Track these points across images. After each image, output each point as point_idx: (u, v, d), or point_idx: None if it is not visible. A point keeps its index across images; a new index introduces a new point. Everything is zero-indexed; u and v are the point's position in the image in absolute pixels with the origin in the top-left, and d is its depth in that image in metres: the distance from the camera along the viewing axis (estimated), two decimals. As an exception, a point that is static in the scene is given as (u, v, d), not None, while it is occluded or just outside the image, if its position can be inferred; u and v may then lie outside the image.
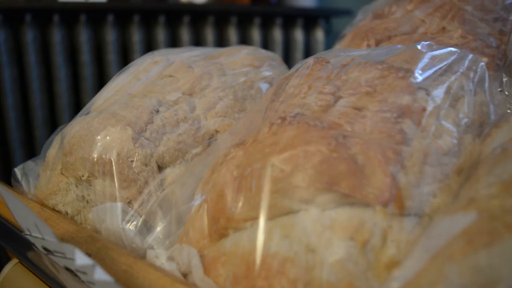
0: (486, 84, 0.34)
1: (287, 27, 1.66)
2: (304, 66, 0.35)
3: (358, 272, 0.24)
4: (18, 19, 1.27)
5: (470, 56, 0.36)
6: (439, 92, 0.30)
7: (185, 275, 0.30)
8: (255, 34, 1.59)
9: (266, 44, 1.63)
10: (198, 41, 1.54)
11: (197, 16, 1.53)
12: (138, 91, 0.42)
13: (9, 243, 0.46)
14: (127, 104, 0.40)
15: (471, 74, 0.34)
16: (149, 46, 1.47)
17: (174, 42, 1.50)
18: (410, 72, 0.31)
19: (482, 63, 0.37)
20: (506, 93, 0.44)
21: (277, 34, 1.63)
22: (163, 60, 0.45)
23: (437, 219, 0.24)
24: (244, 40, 1.60)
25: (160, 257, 0.31)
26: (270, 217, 0.26)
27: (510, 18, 0.50)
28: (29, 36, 1.27)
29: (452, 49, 0.37)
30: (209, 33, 1.53)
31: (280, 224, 0.26)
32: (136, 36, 1.42)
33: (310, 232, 0.25)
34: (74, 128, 0.40)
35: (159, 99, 0.41)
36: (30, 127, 1.34)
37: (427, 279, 0.19)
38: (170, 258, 0.31)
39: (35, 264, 0.42)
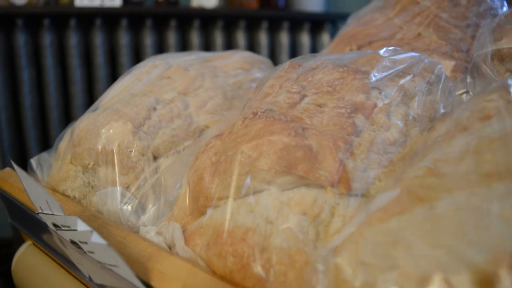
0: (440, 85, 0.39)
1: (294, 31, 1.71)
2: (281, 68, 0.40)
3: (308, 241, 0.29)
4: (37, 23, 1.34)
5: (429, 60, 0.41)
6: (391, 91, 0.35)
7: (170, 247, 0.35)
8: (263, 37, 1.64)
9: (273, 48, 1.68)
10: (207, 44, 1.60)
11: (207, 20, 1.58)
12: (139, 91, 0.47)
13: (24, 226, 0.52)
14: (128, 102, 0.46)
15: (427, 76, 0.39)
16: (161, 49, 1.54)
17: (184, 45, 1.56)
18: (366, 74, 0.35)
19: (441, 66, 0.41)
20: (471, 93, 0.48)
21: (284, 38, 1.67)
22: (162, 64, 0.51)
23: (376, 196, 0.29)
24: (252, 43, 1.65)
25: (150, 232, 0.37)
26: (240, 196, 0.31)
27: (481, 24, 0.54)
28: (47, 39, 1.34)
29: (414, 54, 0.41)
30: (218, 37, 1.59)
31: (247, 201, 0.31)
32: (148, 40, 1.49)
33: (270, 207, 0.30)
34: (83, 123, 0.46)
35: (157, 98, 0.46)
36: (46, 126, 1.42)
37: (351, 240, 0.24)
38: (159, 233, 0.36)
39: (45, 242, 0.47)
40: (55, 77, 1.38)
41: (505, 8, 0.60)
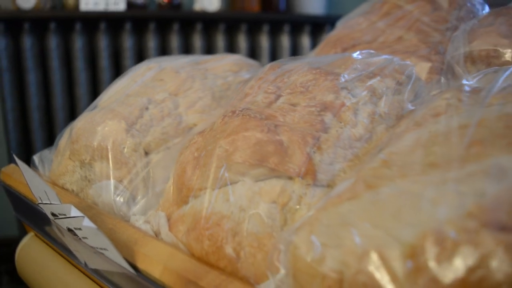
0: (409, 86, 0.42)
1: (295, 34, 1.74)
2: (262, 70, 0.43)
3: (276, 226, 0.32)
4: (43, 27, 1.39)
5: (400, 62, 0.43)
6: (360, 91, 0.38)
7: (156, 234, 0.38)
8: (264, 40, 1.68)
9: (274, 50, 1.71)
10: (209, 47, 1.64)
11: (209, 23, 1.62)
12: (133, 92, 0.51)
13: (27, 217, 0.56)
14: (123, 102, 0.49)
15: (398, 77, 0.42)
16: (164, 52, 1.57)
17: (187, 48, 1.60)
18: (338, 75, 0.38)
19: (412, 67, 0.44)
20: (445, 94, 0.50)
21: (285, 41, 1.71)
22: (156, 67, 0.54)
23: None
24: (254, 46, 1.69)
25: (139, 220, 0.40)
26: (217, 186, 0.35)
27: (460, 27, 0.56)
28: (53, 42, 1.38)
29: (386, 56, 0.44)
30: (220, 40, 1.62)
31: (224, 191, 0.34)
32: (152, 43, 1.53)
33: (244, 197, 0.33)
34: (81, 122, 0.50)
35: (149, 98, 0.49)
36: (52, 127, 1.46)
37: (308, 222, 0.27)
38: (147, 221, 0.40)
39: (46, 232, 0.51)
40: (61, 79, 1.43)
41: (485, 12, 0.63)
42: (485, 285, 0.20)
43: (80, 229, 0.37)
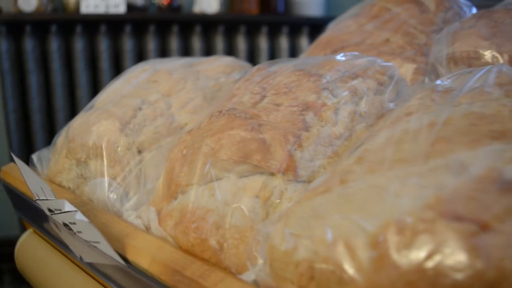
0: (390, 86, 0.43)
1: (294, 36, 1.76)
2: (249, 72, 0.45)
3: (258, 220, 0.33)
4: (44, 29, 1.41)
5: (383, 63, 0.45)
6: (341, 91, 0.40)
7: (147, 228, 0.40)
8: (263, 42, 1.70)
9: (273, 52, 1.73)
10: (208, 49, 1.66)
11: (209, 25, 1.64)
12: (128, 93, 0.53)
13: (25, 214, 0.58)
14: (117, 102, 0.51)
15: (380, 78, 0.43)
16: (163, 54, 1.60)
17: (186, 50, 1.62)
18: (320, 76, 0.40)
19: (394, 68, 0.46)
20: (429, 94, 0.52)
21: (284, 42, 1.72)
22: (150, 68, 0.56)
23: (317, 182, 0.34)
24: (252, 48, 1.71)
25: (131, 215, 0.42)
26: (203, 182, 0.36)
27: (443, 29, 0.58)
28: (54, 45, 1.41)
29: (370, 58, 0.46)
30: (219, 42, 1.64)
31: (210, 187, 0.36)
32: (152, 45, 1.55)
33: (228, 192, 0.35)
34: (77, 122, 0.52)
35: (143, 99, 0.51)
36: (53, 128, 1.48)
37: (284, 215, 0.29)
38: (138, 216, 0.41)
39: (44, 228, 0.53)
40: (62, 81, 1.45)
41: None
42: (440, 271, 0.22)
43: (74, 223, 0.39)
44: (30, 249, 0.58)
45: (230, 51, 1.68)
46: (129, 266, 0.35)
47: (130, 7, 1.51)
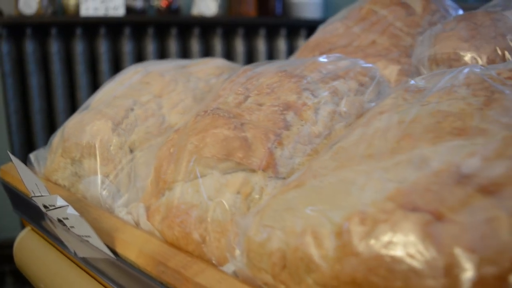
0: (371, 87, 0.45)
1: (291, 38, 1.77)
2: (235, 73, 0.47)
3: (239, 214, 0.35)
4: (44, 32, 1.43)
5: (364, 65, 0.47)
6: (322, 92, 0.41)
7: (137, 224, 0.42)
8: (261, 44, 1.71)
9: (271, 54, 1.75)
10: (207, 52, 1.68)
11: (207, 28, 1.66)
12: (120, 94, 0.54)
13: (23, 212, 0.60)
14: (110, 103, 0.53)
15: (361, 79, 0.45)
16: (162, 56, 1.62)
17: (185, 53, 1.64)
18: (302, 77, 0.42)
19: (375, 70, 0.47)
20: (412, 94, 0.54)
21: (282, 44, 1.74)
22: (142, 70, 0.58)
23: (295, 178, 0.35)
24: (250, 50, 1.72)
25: (122, 211, 0.44)
26: (188, 179, 0.38)
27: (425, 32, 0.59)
28: (54, 47, 1.43)
29: (352, 59, 0.47)
30: (218, 44, 1.66)
31: (194, 183, 0.38)
32: (151, 47, 1.57)
33: (212, 188, 0.37)
34: (71, 122, 0.53)
35: (135, 100, 0.53)
36: (54, 129, 1.50)
37: (261, 208, 0.31)
38: (129, 212, 0.43)
39: (41, 226, 0.55)
40: (62, 83, 1.47)
41: (457, 17, 0.66)
42: (397, 258, 0.23)
43: (67, 218, 0.41)
44: (28, 246, 0.60)
45: (229, 53, 1.70)
46: (118, 259, 0.37)
47: (129, 10, 1.54)
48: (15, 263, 0.62)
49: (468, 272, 0.22)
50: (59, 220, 0.44)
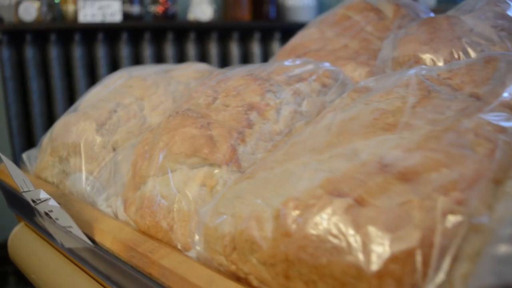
0: (334, 88, 0.48)
1: (285, 41, 1.80)
2: (208, 77, 0.50)
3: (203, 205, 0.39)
4: (44, 38, 1.48)
5: (329, 67, 0.50)
6: (284, 93, 0.45)
7: (116, 215, 0.46)
8: (255, 48, 1.75)
9: (265, 57, 1.79)
10: (202, 55, 1.72)
11: (203, 32, 1.70)
12: (105, 97, 0.58)
13: (17, 209, 0.63)
14: (95, 106, 0.57)
15: (325, 80, 0.49)
16: (159, 60, 1.66)
17: (181, 57, 1.68)
18: (266, 80, 0.45)
19: (339, 72, 0.51)
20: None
21: (276, 48, 1.78)
22: (126, 75, 0.62)
23: (254, 172, 0.39)
24: (245, 53, 1.76)
25: (103, 205, 0.47)
26: (161, 174, 0.42)
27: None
28: (54, 52, 1.48)
29: (318, 62, 0.51)
30: (213, 48, 1.70)
31: (165, 177, 0.41)
32: (147, 52, 1.61)
33: (180, 181, 0.40)
34: (59, 123, 0.57)
35: (118, 102, 0.57)
36: (54, 131, 1.55)
37: (217, 198, 0.34)
38: (109, 206, 0.47)
39: (33, 220, 0.58)
40: (62, 87, 1.52)
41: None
42: (322, 237, 0.27)
43: (52, 211, 0.44)
44: (21, 239, 0.64)
45: (224, 57, 1.74)
46: (96, 246, 0.41)
47: (126, 16, 1.58)
48: (9, 255, 0.65)
49: (381, 249, 0.25)
50: (46, 214, 0.47)
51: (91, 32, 1.54)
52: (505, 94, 0.33)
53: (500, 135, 0.29)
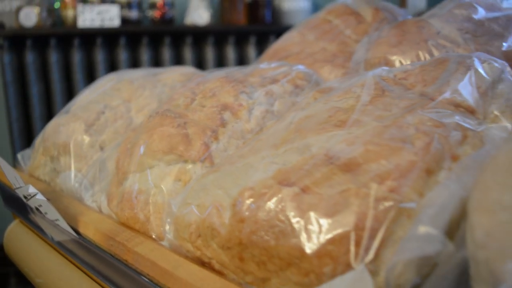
0: (305, 90, 0.51)
1: (281, 43, 1.84)
2: (190, 79, 0.54)
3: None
4: (44, 43, 1.52)
5: (304, 70, 0.53)
6: (257, 94, 0.48)
7: (100, 209, 0.49)
8: (251, 51, 1.78)
9: (261, 59, 1.82)
10: (199, 59, 1.75)
11: (199, 36, 1.73)
12: (94, 99, 0.62)
13: (12, 206, 0.67)
14: (85, 107, 0.60)
15: (298, 82, 0.52)
16: (157, 64, 1.69)
17: (178, 60, 1.71)
18: (240, 82, 0.49)
19: (312, 74, 0.54)
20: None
21: (271, 50, 1.81)
22: (115, 79, 0.65)
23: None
24: (241, 57, 1.79)
25: (89, 200, 0.51)
26: (140, 170, 0.45)
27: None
28: (53, 57, 1.52)
29: (293, 65, 0.54)
30: (210, 52, 1.74)
31: (145, 173, 0.45)
32: (145, 56, 1.65)
33: (158, 177, 0.43)
34: (51, 124, 0.61)
35: (106, 104, 0.60)
36: (54, 134, 1.59)
37: (186, 190, 0.37)
38: (94, 200, 0.50)
39: (27, 217, 0.62)
40: (62, 91, 1.56)
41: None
42: (271, 222, 0.30)
43: (41, 205, 0.48)
44: (15, 235, 0.67)
45: (220, 60, 1.77)
46: (80, 237, 0.44)
47: (124, 21, 1.62)
48: (4, 250, 0.69)
49: (320, 232, 0.28)
50: (37, 209, 0.51)
51: (90, 36, 1.58)
52: (448, 92, 0.36)
53: (438, 130, 0.32)
